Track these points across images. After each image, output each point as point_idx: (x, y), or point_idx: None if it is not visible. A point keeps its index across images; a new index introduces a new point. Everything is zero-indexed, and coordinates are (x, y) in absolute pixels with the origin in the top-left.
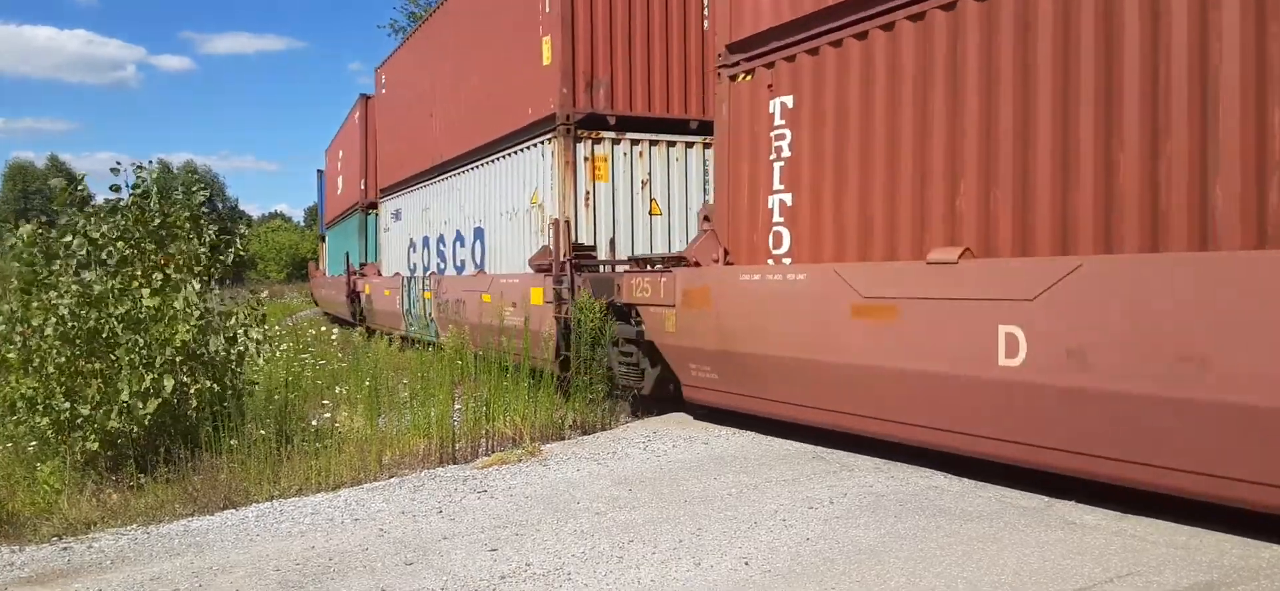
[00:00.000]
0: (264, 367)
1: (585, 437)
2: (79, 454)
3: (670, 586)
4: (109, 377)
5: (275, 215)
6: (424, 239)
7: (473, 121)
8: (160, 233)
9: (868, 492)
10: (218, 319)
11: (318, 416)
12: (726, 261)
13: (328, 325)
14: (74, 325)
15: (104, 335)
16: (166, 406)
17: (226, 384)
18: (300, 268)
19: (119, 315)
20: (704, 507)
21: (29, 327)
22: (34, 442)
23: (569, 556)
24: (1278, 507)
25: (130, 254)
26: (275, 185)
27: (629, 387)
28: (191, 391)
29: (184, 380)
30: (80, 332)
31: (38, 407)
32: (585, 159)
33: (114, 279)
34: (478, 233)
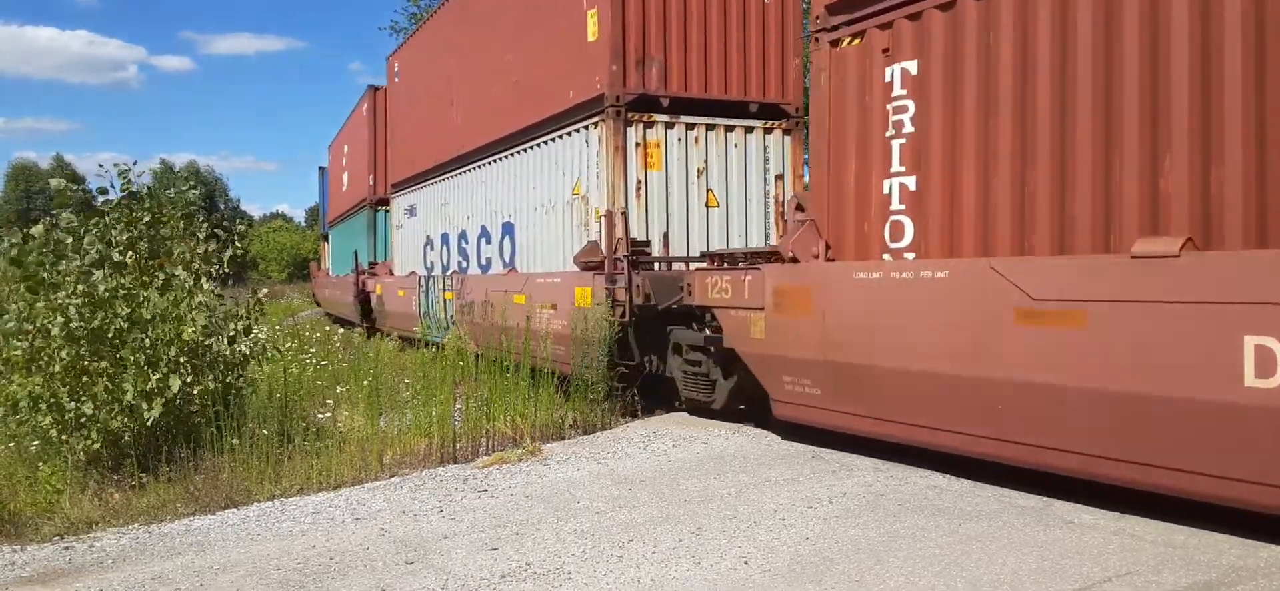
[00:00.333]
0: (266, 368)
1: (585, 437)
2: (82, 453)
3: (670, 585)
4: (114, 377)
5: (276, 215)
6: (443, 236)
7: (502, 107)
8: (152, 232)
9: (867, 492)
10: (220, 318)
11: (319, 414)
12: (828, 257)
13: (330, 325)
14: (80, 324)
15: (110, 335)
16: (170, 406)
17: (229, 383)
18: (301, 268)
19: (125, 315)
20: (704, 507)
21: (34, 327)
22: (36, 442)
23: (569, 555)
24: None
25: (125, 254)
26: (276, 185)
27: (695, 402)
28: (195, 391)
29: (187, 380)
30: (85, 332)
31: (41, 406)
32: (636, 145)
33: (121, 278)
34: (506, 228)
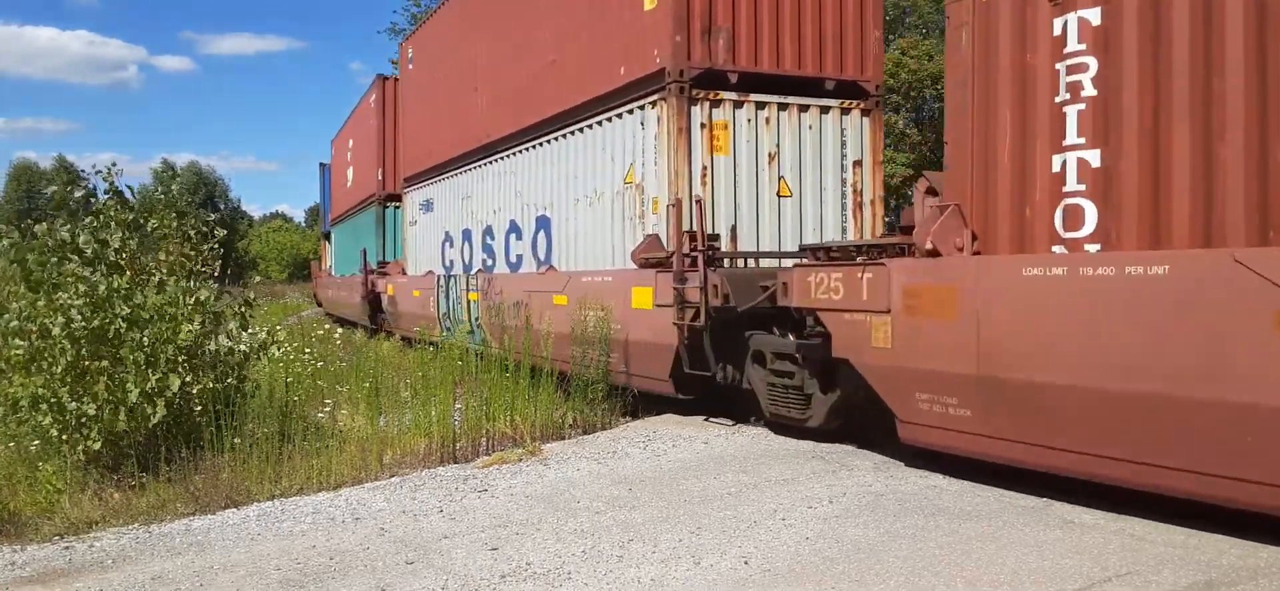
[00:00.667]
0: (267, 368)
1: (585, 437)
2: (82, 453)
3: (670, 585)
4: (114, 376)
5: (276, 215)
6: (464, 232)
7: (537, 90)
8: (142, 231)
9: (867, 492)
10: (214, 318)
11: (319, 414)
12: (974, 249)
13: (331, 325)
14: (81, 324)
15: (110, 335)
16: (171, 406)
17: (230, 383)
18: (302, 268)
19: (124, 315)
20: (703, 507)
21: (35, 327)
22: (36, 442)
23: (569, 555)
24: None
25: (120, 253)
26: (276, 185)
27: (783, 419)
28: (195, 391)
29: (186, 380)
30: (86, 332)
31: (42, 406)
32: (701, 126)
33: (120, 277)
34: (541, 222)
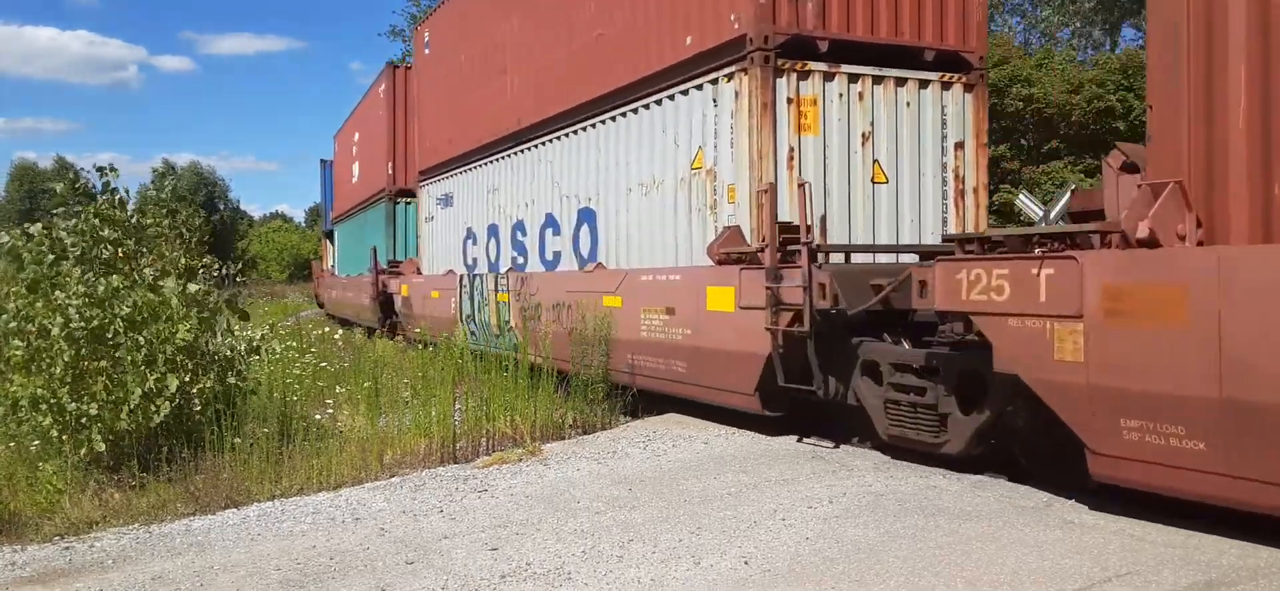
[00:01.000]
0: (267, 367)
1: (585, 437)
2: (83, 453)
3: (670, 585)
4: (113, 376)
5: (276, 215)
6: (490, 228)
7: (579, 69)
8: (138, 231)
9: (867, 492)
10: (209, 315)
11: (319, 414)
12: (1198, 239)
13: (330, 325)
14: (80, 324)
15: (109, 335)
16: (172, 404)
17: (230, 383)
18: (302, 268)
19: (123, 315)
20: (703, 507)
21: (34, 327)
22: (37, 442)
23: (569, 555)
24: None
25: (114, 252)
26: (276, 185)
27: (911, 443)
28: (194, 390)
29: (185, 379)
30: (85, 332)
31: (42, 407)
32: (789, 100)
33: (117, 277)
34: (584, 215)
